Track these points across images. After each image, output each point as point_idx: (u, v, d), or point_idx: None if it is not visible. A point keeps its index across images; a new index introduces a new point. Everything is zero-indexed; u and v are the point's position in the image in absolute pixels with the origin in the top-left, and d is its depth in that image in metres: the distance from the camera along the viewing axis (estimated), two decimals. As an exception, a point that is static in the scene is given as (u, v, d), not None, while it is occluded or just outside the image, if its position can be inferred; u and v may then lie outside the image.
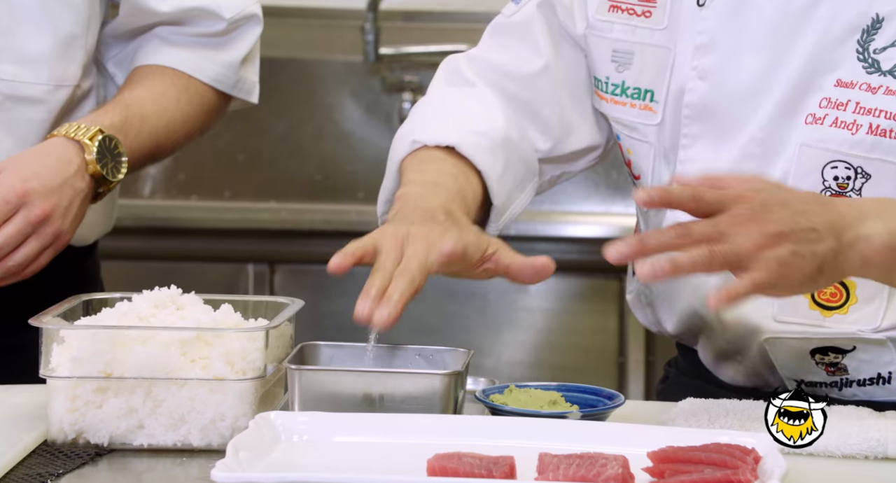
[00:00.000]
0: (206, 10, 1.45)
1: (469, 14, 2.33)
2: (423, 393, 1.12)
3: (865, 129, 1.19)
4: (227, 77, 1.49)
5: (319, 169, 2.32)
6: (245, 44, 1.49)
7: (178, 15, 1.45)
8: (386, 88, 2.32)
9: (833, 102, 1.20)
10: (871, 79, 1.18)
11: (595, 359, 2.19)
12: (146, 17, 1.46)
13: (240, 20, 1.48)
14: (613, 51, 1.30)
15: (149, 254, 2.26)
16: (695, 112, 1.26)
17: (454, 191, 1.24)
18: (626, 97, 1.30)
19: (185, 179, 2.33)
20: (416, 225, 1.17)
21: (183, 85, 1.46)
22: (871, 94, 1.19)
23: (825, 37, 1.21)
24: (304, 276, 2.26)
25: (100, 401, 1.13)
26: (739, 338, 1.27)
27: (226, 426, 1.12)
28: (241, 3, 1.47)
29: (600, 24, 1.30)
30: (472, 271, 1.18)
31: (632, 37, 1.29)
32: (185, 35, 1.46)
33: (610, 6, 1.30)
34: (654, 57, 1.28)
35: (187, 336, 1.13)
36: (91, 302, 1.22)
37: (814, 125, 1.20)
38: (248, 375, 1.13)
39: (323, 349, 1.20)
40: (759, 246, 1.05)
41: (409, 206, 1.20)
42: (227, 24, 1.46)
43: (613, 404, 1.16)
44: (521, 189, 1.34)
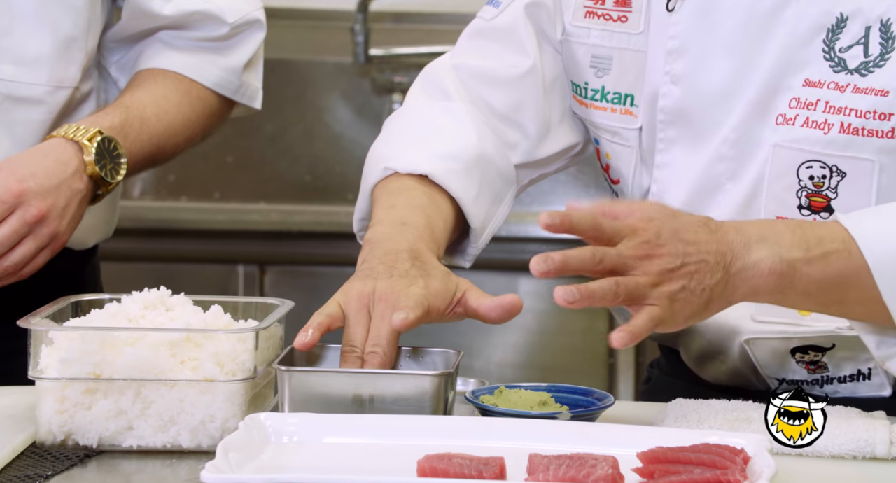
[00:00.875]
0: (208, 14, 1.45)
1: (458, 16, 2.34)
2: (413, 394, 1.12)
3: (837, 128, 1.20)
4: (229, 82, 1.48)
5: (309, 170, 2.32)
6: (248, 49, 1.49)
7: (181, 19, 1.45)
8: (376, 90, 2.33)
9: (803, 102, 1.21)
10: (839, 77, 1.19)
11: (585, 360, 2.20)
12: (149, 20, 1.46)
13: (243, 25, 1.47)
14: (592, 56, 1.31)
15: (138, 255, 2.26)
16: (669, 116, 1.27)
17: (423, 227, 1.24)
18: (607, 102, 1.30)
19: (174, 181, 2.33)
20: (382, 280, 1.17)
21: (185, 89, 1.46)
22: (839, 93, 1.19)
23: (792, 37, 1.22)
24: (294, 277, 2.26)
25: (89, 402, 1.12)
26: (719, 339, 1.28)
27: (215, 427, 1.12)
28: (245, 8, 1.47)
29: (577, 31, 1.32)
30: (443, 317, 1.19)
31: (609, 42, 1.30)
32: (187, 39, 1.46)
33: (586, 12, 1.31)
34: (633, 61, 1.29)
35: (177, 337, 1.13)
36: (80, 303, 1.22)
37: (785, 126, 1.21)
38: (237, 377, 1.13)
39: (313, 350, 1.20)
40: (654, 283, 1.08)
41: (375, 253, 1.21)
42: (230, 29, 1.46)
43: (603, 405, 1.17)
44: (499, 202, 1.36)
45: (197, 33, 1.46)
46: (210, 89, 1.47)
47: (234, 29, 1.47)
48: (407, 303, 1.15)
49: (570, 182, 2.25)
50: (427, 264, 1.20)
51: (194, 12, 1.45)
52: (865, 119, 1.18)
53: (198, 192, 2.32)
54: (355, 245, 2.12)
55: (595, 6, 1.30)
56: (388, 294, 1.16)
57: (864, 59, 1.18)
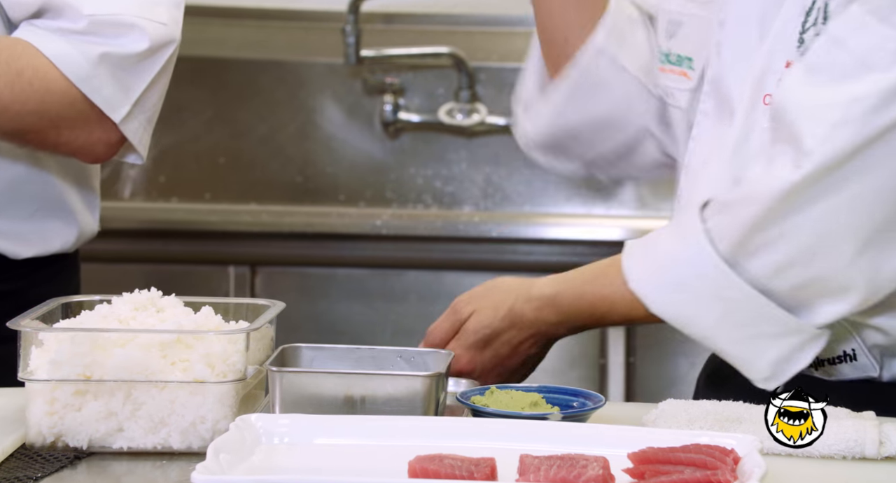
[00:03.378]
0: (64, 2, 1.35)
1: (449, 16, 2.34)
2: (404, 395, 1.12)
3: None
4: (76, 62, 1.35)
5: (300, 171, 2.32)
6: (112, 45, 1.35)
7: (40, 7, 1.36)
8: (367, 90, 2.32)
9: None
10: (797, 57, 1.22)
11: (576, 360, 2.20)
12: (13, 10, 1.38)
13: (112, 25, 1.36)
14: (668, 22, 1.34)
15: (129, 256, 2.26)
16: (710, 87, 1.29)
17: None
18: (670, 64, 1.34)
19: (165, 181, 2.32)
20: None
21: (16, 53, 1.34)
22: None
23: (786, 19, 1.24)
24: (285, 278, 2.26)
25: (79, 404, 1.12)
26: None
27: (206, 429, 1.12)
28: (113, 8, 1.37)
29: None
30: None
31: (683, 8, 1.33)
32: (46, 27, 1.37)
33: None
34: (698, 27, 1.32)
35: (167, 338, 1.13)
36: (70, 305, 1.21)
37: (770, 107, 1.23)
38: (228, 378, 1.12)
39: (304, 351, 1.20)
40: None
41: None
42: (89, 22, 1.36)
43: (594, 406, 1.17)
44: None
45: (56, 22, 1.37)
46: (55, 67, 1.34)
47: (96, 23, 1.35)
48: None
49: (561, 183, 2.26)
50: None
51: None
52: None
53: (189, 192, 2.32)
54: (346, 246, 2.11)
55: None
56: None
57: (813, 38, 1.21)
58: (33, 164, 1.45)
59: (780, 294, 1.18)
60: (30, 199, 1.46)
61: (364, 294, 2.23)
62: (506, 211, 2.30)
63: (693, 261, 1.20)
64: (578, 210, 2.24)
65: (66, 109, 1.38)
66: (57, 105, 1.37)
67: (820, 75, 1.17)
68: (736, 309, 1.18)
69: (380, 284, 2.23)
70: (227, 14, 2.25)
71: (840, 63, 1.16)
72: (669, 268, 1.21)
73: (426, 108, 2.32)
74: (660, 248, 1.23)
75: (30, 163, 1.45)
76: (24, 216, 1.46)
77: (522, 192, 2.26)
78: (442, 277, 2.20)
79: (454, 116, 2.29)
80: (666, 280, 1.21)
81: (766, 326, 1.18)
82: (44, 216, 1.47)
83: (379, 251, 2.23)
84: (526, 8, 2.12)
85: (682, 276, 1.20)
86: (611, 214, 2.22)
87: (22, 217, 1.45)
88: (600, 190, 2.24)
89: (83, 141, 1.40)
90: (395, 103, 2.30)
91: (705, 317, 1.19)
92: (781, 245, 1.17)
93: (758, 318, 1.17)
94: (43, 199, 1.47)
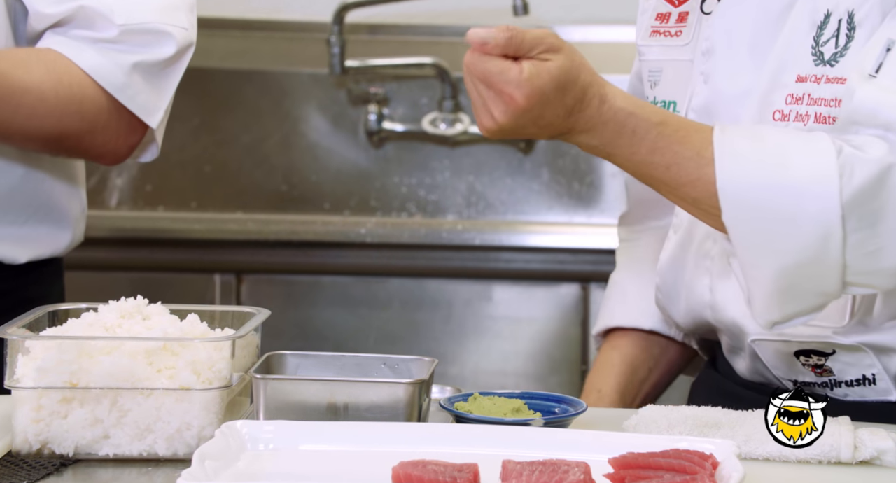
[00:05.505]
0: (95, 10, 1.38)
1: (433, 27, 2.35)
2: (387, 402, 1.13)
3: (813, 119, 1.22)
4: (111, 72, 1.38)
5: (286, 179, 2.33)
6: (144, 54, 1.38)
7: (69, 15, 1.38)
8: (352, 100, 2.34)
9: (794, 98, 1.24)
10: (818, 70, 1.23)
11: (558, 367, 2.21)
12: (39, 20, 1.40)
13: (142, 33, 1.39)
14: (649, 71, 1.36)
15: (116, 264, 2.26)
16: (698, 115, 1.30)
17: None
18: None
19: (151, 190, 2.33)
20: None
21: (51, 60, 1.36)
22: (817, 85, 1.23)
23: (792, 36, 1.25)
24: (270, 285, 2.27)
25: (65, 411, 1.13)
26: (735, 337, 1.31)
27: (192, 435, 1.13)
28: (143, 15, 1.39)
29: (643, 49, 1.37)
30: None
31: (663, 56, 1.35)
32: (76, 36, 1.39)
33: (652, 31, 1.36)
34: (679, 71, 1.33)
35: (153, 346, 1.14)
36: (57, 312, 1.22)
37: (783, 122, 1.24)
38: (214, 385, 1.13)
39: (289, 359, 1.21)
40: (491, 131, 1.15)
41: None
42: (120, 31, 1.38)
43: (576, 412, 1.18)
44: None
45: (86, 31, 1.39)
46: (88, 76, 1.37)
47: (126, 33, 1.38)
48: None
49: (543, 191, 2.27)
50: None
51: (81, 7, 1.38)
52: (831, 107, 1.21)
53: (175, 201, 2.32)
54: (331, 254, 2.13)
55: (660, 25, 1.35)
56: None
57: (835, 49, 1.22)
58: (29, 169, 1.46)
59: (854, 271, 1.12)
60: (25, 204, 1.47)
61: (349, 301, 2.24)
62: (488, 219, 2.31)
63: (812, 200, 1.09)
64: (560, 218, 2.26)
65: (102, 114, 1.40)
66: (94, 110, 1.39)
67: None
68: (813, 265, 1.10)
69: (364, 292, 2.24)
70: (213, 24, 2.26)
71: None
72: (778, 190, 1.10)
73: (410, 117, 2.33)
74: (773, 158, 1.11)
75: (26, 168, 1.46)
76: (21, 221, 1.46)
77: (505, 200, 2.28)
78: (425, 285, 2.21)
79: (438, 126, 2.30)
80: (766, 202, 1.10)
81: (817, 286, 1.12)
82: (39, 221, 1.47)
83: (363, 259, 2.24)
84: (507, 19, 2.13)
85: (788, 209, 1.09)
86: (592, 223, 2.23)
87: (19, 222, 1.46)
88: (582, 199, 2.26)
89: (113, 144, 1.42)
90: (379, 113, 2.32)
91: (780, 259, 1.09)
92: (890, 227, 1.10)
93: (820, 279, 1.11)
94: (38, 205, 1.48)
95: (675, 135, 1.14)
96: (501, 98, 1.13)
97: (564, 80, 1.13)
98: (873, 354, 1.25)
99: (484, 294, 2.19)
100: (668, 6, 1.34)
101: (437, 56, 2.32)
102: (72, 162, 1.50)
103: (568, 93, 1.13)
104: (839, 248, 1.12)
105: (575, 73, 1.13)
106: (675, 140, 1.14)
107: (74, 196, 1.50)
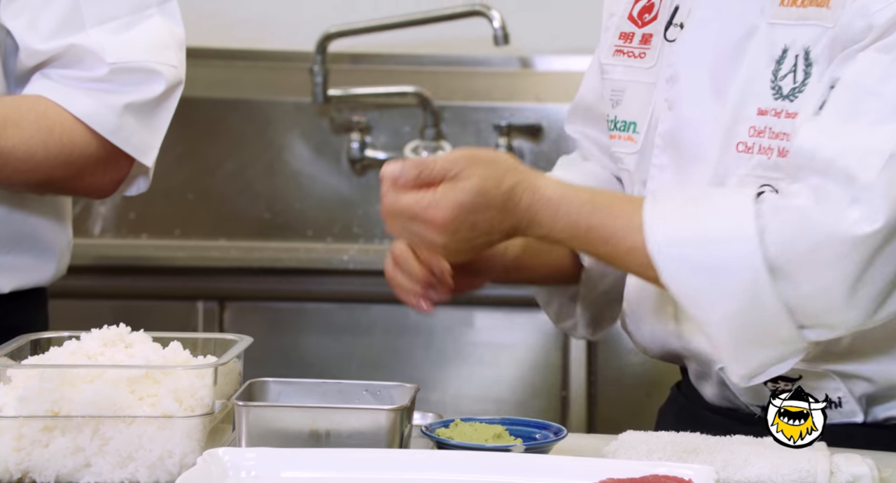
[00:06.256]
0: (86, 49, 1.38)
1: (414, 57, 2.37)
2: (368, 428, 1.14)
3: (776, 153, 1.25)
4: (104, 117, 1.38)
5: (269, 207, 2.34)
6: (135, 94, 1.39)
7: (59, 53, 1.39)
8: (334, 128, 2.35)
9: (757, 130, 1.26)
10: (777, 104, 1.25)
11: (539, 393, 2.22)
12: (30, 57, 1.40)
13: (132, 71, 1.39)
14: (612, 90, 1.37)
15: (99, 292, 2.26)
16: (664, 141, 1.32)
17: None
18: (617, 130, 1.36)
19: (135, 218, 2.33)
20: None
21: (41, 110, 1.37)
22: (777, 119, 1.25)
23: (752, 69, 1.27)
24: (253, 312, 2.27)
25: (46, 440, 1.13)
26: (703, 364, 1.32)
27: (174, 463, 1.13)
28: (134, 54, 1.39)
29: (606, 67, 1.38)
30: None
31: (626, 76, 1.36)
32: (67, 77, 1.39)
33: (615, 50, 1.37)
34: (640, 92, 1.35)
35: (136, 374, 1.14)
36: (39, 341, 1.22)
37: (746, 154, 1.26)
38: (196, 412, 1.13)
39: (271, 385, 1.21)
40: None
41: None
42: (110, 70, 1.38)
43: (556, 438, 1.19)
44: None
45: (76, 71, 1.39)
46: (80, 121, 1.37)
47: (116, 72, 1.38)
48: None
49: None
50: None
51: (72, 45, 1.39)
52: (791, 141, 1.23)
53: (158, 229, 2.33)
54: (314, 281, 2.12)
55: (624, 45, 1.36)
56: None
57: (793, 84, 1.24)
58: (13, 201, 1.47)
59: (801, 314, 1.16)
60: (10, 236, 1.47)
61: (331, 328, 2.24)
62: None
63: (734, 252, 1.14)
64: (541, 245, 2.27)
65: (91, 159, 1.41)
66: (84, 156, 1.40)
67: (853, 124, 1.17)
68: (753, 311, 1.14)
69: (347, 318, 2.24)
70: (197, 54, 2.27)
71: (875, 109, 1.16)
72: (701, 244, 1.16)
73: (392, 145, 2.34)
74: (695, 217, 1.17)
75: (10, 201, 1.46)
76: (5, 251, 1.46)
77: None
78: (407, 311, 2.21)
79: (419, 153, 2.31)
80: (692, 256, 1.15)
81: (771, 333, 1.16)
82: (23, 251, 1.48)
83: (346, 286, 2.24)
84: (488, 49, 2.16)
85: (713, 261, 1.15)
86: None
87: (3, 252, 1.46)
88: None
89: (100, 183, 1.44)
90: (361, 141, 2.33)
91: (719, 308, 1.14)
92: (829, 273, 1.14)
93: (769, 326, 1.15)
94: (22, 237, 1.48)
95: (607, 210, 1.20)
96: (426, 223, 1.18)
97: (483, 187, 1.18)
98: (839, 379, 1.26)
99: (465, 320, 2.20)
100: (632, 26, 1.36)
101: (418, 85, 2.34)
102: (58, 197, 1.51)
103: (492, 197, 1.18)
104: (771, 291, 1.16)
105: (495, 181, 1.18)
106: (607, 215, 1.20)
107: (61, 230, 1.51)
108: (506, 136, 2.30)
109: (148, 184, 1.49)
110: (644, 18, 1.35)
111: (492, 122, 2.32)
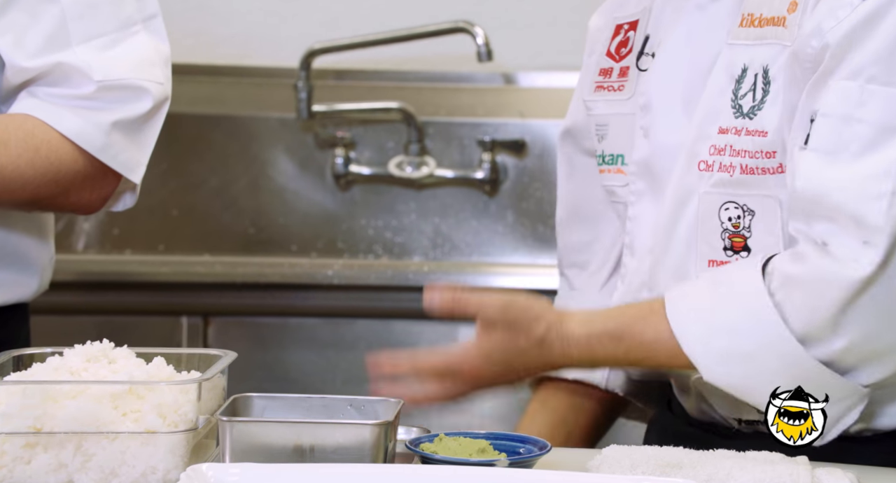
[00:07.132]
0: (73, 67, 1.38)
1: (398, 73, 2.38)
2: (353, 443, 1.14)
3: (739, 170, 1.27)
4: (91, 135, 1.38)
5: (253, 222, 2.34)
6: (122, 111, 1.39)
7: (46, 71, 1.39)
8: (319, 144, 2.36)
9: (717, 149, 1.28)
10: (737, 122, 1.27)
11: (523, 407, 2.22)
12: (15, 74, 1.40)
13: (118, 89, 1.39)
14: (596, 125, 1.40)
15: (83, 308, 2.25)
16: (638, 168, 1.34)
17: None
18: (606, 164, 1.39)
19: (119, 234, 2.33)
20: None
21: (28, 129, 1.37)
22: (737, 137, 1.27)
23: (714, 89, 1.30)
24: (237, 328, 2.27)
25: (29, 456, 1.12)
26: (679, 377, 1.35)
27: (157, 479, 1.13)
28: (121, 72, 1.39)
29: (590, 104, 1.41)
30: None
31: (608, 110, 1.39)
32: (53, 95, 1.39)
33: (596, 86, 1.40)
34: (623, 124, 1.37)
35: (119, 389, 1.14)
36: (22, 357, 1.22)
37: (707, 172, 1.28)
38: (180, 428, 1.13)
39: (255, 401, 1.21)
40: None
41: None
42: (98, 88, 1.38)
43: (540, 452, 1.19)
44: None
45: (63, 89, 1.39)
46: (68, 139, 1.37)
47: (103, 89, 1.38)
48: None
49: (508, 234, 2.30)
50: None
51: (59, 63, 1.38)
52: (756, 158, 1.26)
53: (142, 244, 2.33)
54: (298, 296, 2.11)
55: (604, 80, 1.39)
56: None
57: (753, 103, 1.26)
58: None
59: (843, 366, 1.19)
60: None
61: (316, 343, 2.24)
62: (454, 261, 2.32)
63: (762, 336, 1.19)
64: (524, 260, 2.28)
65: (79, 177, 1.41)
66: (72, 174, 1.40)
67: (843, 154, 1.18)
68: (801, 380, 1.17)
69: (331, 333, 2.24)
70: (181, 70, 2.27)
71: (861, 136, 1.18)
72: (731, 336, 1.20)
73: (376, 160, 2.35)
74: (717, 313, 1.21)
75: None
76: None
77: (470, 242, 2.30)
78: (392, 326, 2.22)
79: (404, 169, 2.32)
80: (727, 349, 1.20)
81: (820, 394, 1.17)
82: (5, 267, 1.47)
83: (330, 301, 2.24)
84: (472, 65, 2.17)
85: (746, 349, 1.19)
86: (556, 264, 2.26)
87: None
88: (546, 241, 2.28)
89: (87, 200, 1.44)
90: (346, 156, 2.34)
91: (768, 387, 1.16)
92: (856, 325, 1.18)
93: (821, 387, 1.17)
94: (4, 253, 1.48)
95: (633, 329, 1.25)
96: (462, 377, 1.29)
97: (510, 346, 1.27)
98: None
99: (450, 335, 2.20)
100: (610, 61, 1.39)
101: (402, 100, 2.34)
102: (41, 213, 1.51)
103: (524, 349, 1.27)
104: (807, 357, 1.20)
105: (521, 339, 1.27)
106: (636, 333, 1.25)
107: (43, 246, 1.51)
108: (489, 152, 2.31)
109: (135, 199, 1.50)
110: (621, 53, 1.38)
111: (475, 137, 2.33)
